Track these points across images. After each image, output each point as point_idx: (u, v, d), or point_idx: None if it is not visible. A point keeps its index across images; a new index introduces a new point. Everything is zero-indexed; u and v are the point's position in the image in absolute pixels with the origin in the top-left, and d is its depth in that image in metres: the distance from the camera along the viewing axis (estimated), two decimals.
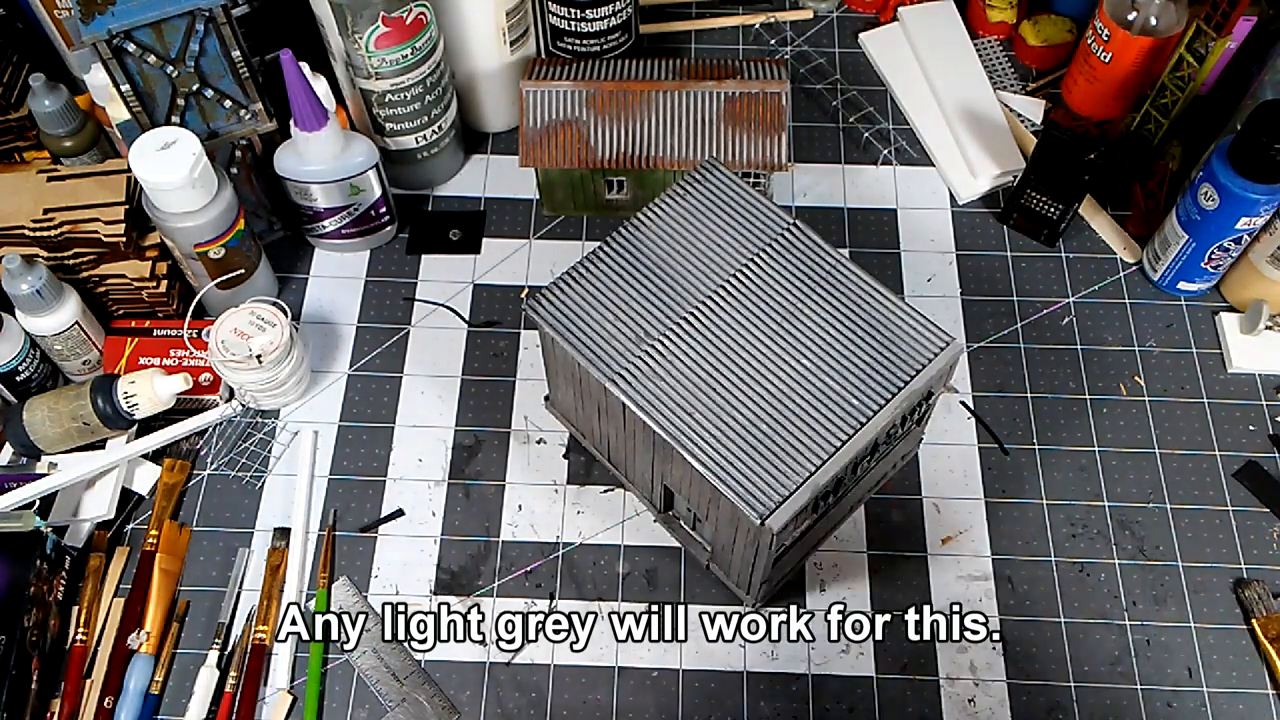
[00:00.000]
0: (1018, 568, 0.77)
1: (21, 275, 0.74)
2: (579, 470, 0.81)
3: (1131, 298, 0.88)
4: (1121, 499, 0.79)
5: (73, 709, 0.71)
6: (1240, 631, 0.74)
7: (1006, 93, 0.99)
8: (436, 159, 0.92)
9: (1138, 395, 0.84)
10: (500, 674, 0.74)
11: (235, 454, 0.82)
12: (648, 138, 0.85)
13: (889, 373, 0.66)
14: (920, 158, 0.96)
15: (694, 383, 0.66)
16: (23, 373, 0.79)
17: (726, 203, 0.73)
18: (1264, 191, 0.77)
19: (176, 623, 0.75)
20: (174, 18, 0.73)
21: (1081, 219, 0.92)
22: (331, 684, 0.73)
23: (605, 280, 0.70)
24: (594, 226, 0.93)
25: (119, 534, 0.79)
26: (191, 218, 0.76)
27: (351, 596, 0.76)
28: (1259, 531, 0.78)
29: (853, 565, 0.77)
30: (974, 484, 0.80)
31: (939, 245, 0.91)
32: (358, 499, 0.80)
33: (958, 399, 0.84)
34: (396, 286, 0.90)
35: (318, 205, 0.85)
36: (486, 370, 0.85)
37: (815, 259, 0.71)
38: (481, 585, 0.77)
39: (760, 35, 1.04)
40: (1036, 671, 0.73)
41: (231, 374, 0.79)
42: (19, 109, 0.87)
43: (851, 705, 0.72)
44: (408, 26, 0.80)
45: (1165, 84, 0.89)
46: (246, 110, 0.81)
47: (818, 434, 0.64)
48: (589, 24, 0.91)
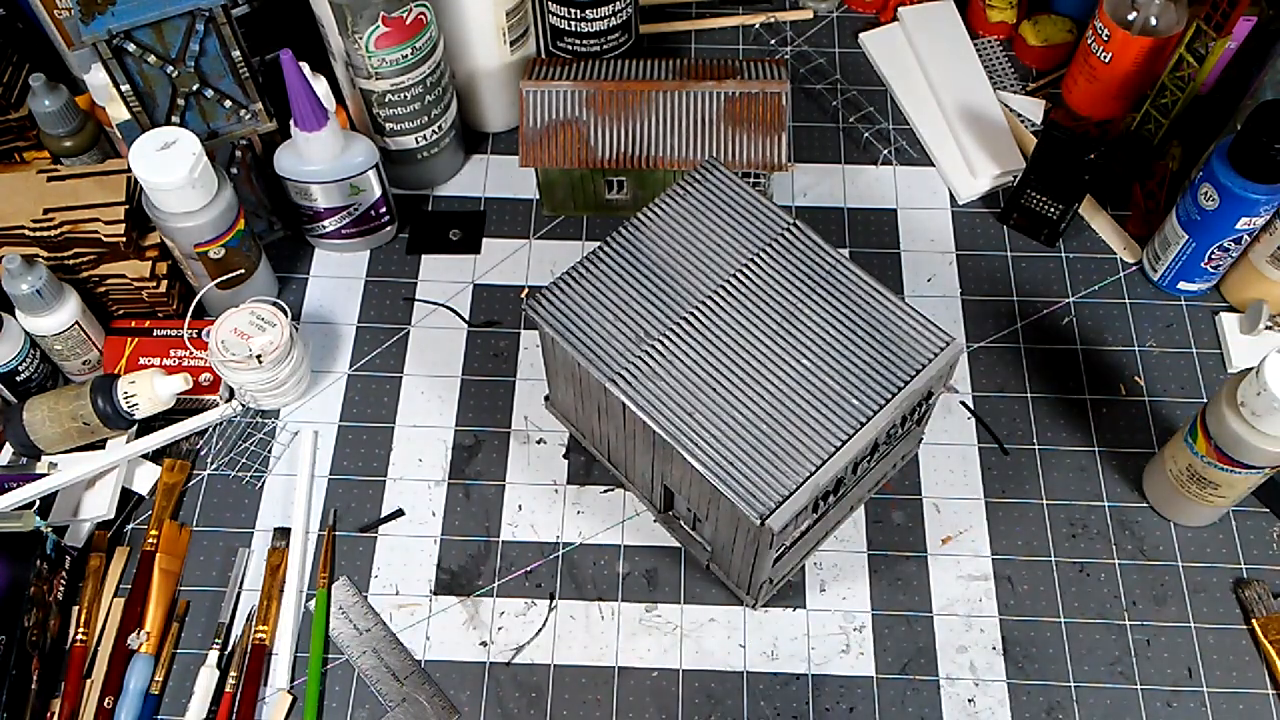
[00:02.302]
0: (1018, 568, 0.77)
1: (21, 275, 0.74)
2: (579, 470, 0.81)
3: (1131, 298, 0.88)
4: (1121, 499, 0.79)
5: (73, 709, 0.71)
6: (1240, 631, 0.74)
7: (1006, 93, 0.99)
8: (436, 159, 0.92)
9: (1138, 395, 0.84)
10: (500, 674, 0.74)
11: (235, 454, 0.82)
12: (648, 138, 0.85)
13: (889, 373, 0.66)
14: (920, 158, 0.96)
15: (694, 383, 0.66)
16: (23, 373, 0.79)
17: (726, 203, 0.73)
18: (1264, 191, 0.77)
19: (176, 623, 0.75)
20: (174, 18, 0.73)
21: (1081, 219, 0.92)
22: (331, 684, 0.73)
23: (605, 280, 0.70)
24: (594, 226, 0.93)
25: (119, 534, 0.79)
26: (191, 218, 0.76)
27: (351, 596, 0.76)
28: (1259, 531, 0.78)
29: (853, 565, 0.77)
30: (974, 484, 0.80)
31: (939, 245, 0.91)
32: (358, 499, 0.80)
33: (958, 399, 0.84)
34: (396, 286, 0.90)
35: (318, 205, 0.85)
36: (486, 370, 0.85)
37: (815, 259, 0.71)
38: (481, 585, 0.77)
39: (760, 35, 1.04)
40: (1036, 671, 0.73)
41: (231, 374, 0.79)
42: (19, 109, 0.87)
43: (851, 705, 0.72)
44: (408, 26, 0.80)
45: (1165, 84, 0.89)
46: (246, 110, 0.81)
47: (818, 434, 0.64)
48: (589, 24, 0.91)
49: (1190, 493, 0.74)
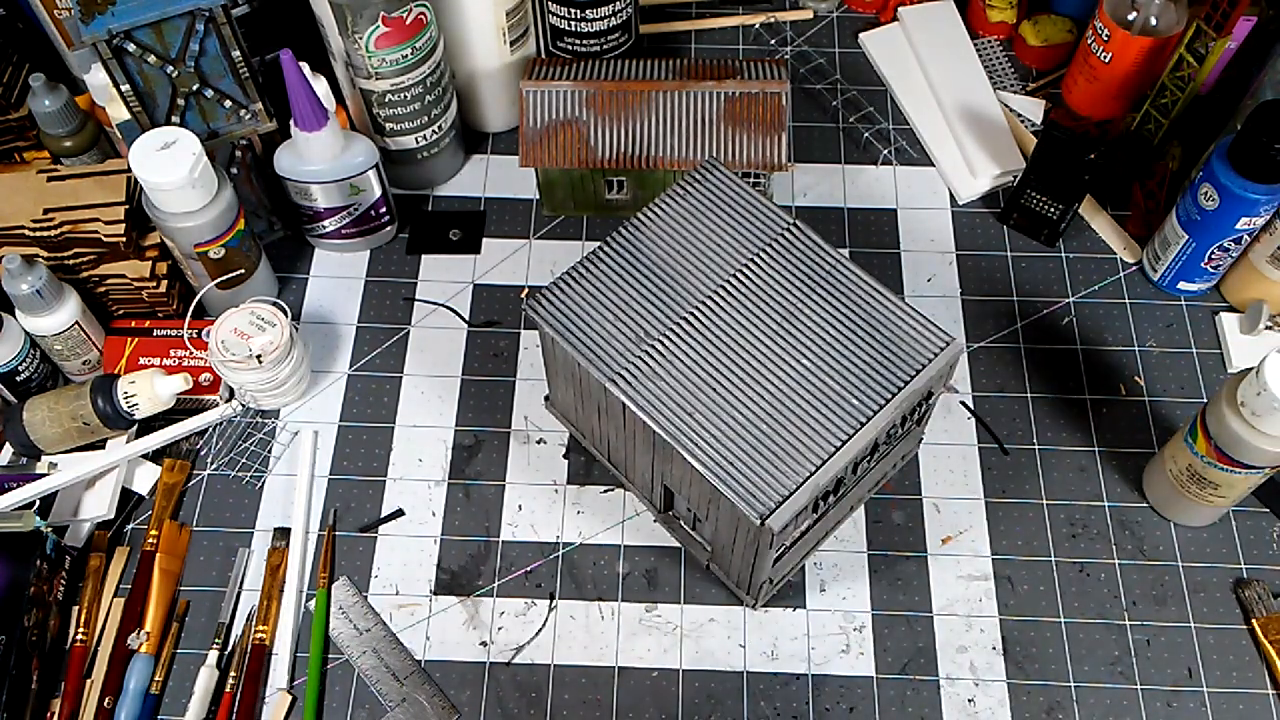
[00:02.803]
0: (1018, 568, 0.77)
1: (21, 275, 0.74)
2: (579, 470, 0.81)
3: (1131, 298, 0.88)
4: (1121, 499, 0.79)
5: (73, 709, 0.71)
6: (1240, 631, 0.74)
7: (1006, 93, 0.99)
8: (436, 159, 0.92)
9: (1138, 395, 0.84)
10: (500, 674, 0.74)
11: (235, 454, 0.82)
12: (648, 138, 0.85)
13: (889, 373, 0.66)
14: (920, 158, 0.96)
15: (694, 383, 0.66)
16: (23, 373, 0.79)
17: (726, 203, 0.73)
18: (1264, 191, 0.77)
19: (176, 623, 0.75)
20: (174, 18, 0.73)
21: (1081, 219, 0.92)
22: (331, 684, 0.73)
23: (605, 280, 0.70)
24: (594, 226, 0.93)
25: (119, 534, 0.79)
26: (191, 218, 0.76)
27: (351, 596, 0.76)
28: (1259, 531, 0.78)
29: (853, 565, 0.77)
30: (974, 484, 0.80)
31: (939, 245, 0.91)
32: (358, 499, 0.80)
33: (958, 399, 0.84)
34: (396, 286, 0.90)
35: (318, 205, 0.85)
36: (486, 370, 0.85)
37: (815, 259, 0.71)
38: (481, 585, 0.77)
39: (760, 35, 1.04)
40: (1036, 671, 0.73)
41: (231, 374, 0.79)
42: (19, 109, 0.87)
43: (851, 705, 0.72)
44: (408, 26, 0.80)
45: (1165, 84, 0.89)
46: (246, 110, 0.81)
47: (818, 434, 0.64)
48: (589, 24, 0.91)
49: (1190, 493, 0.74)
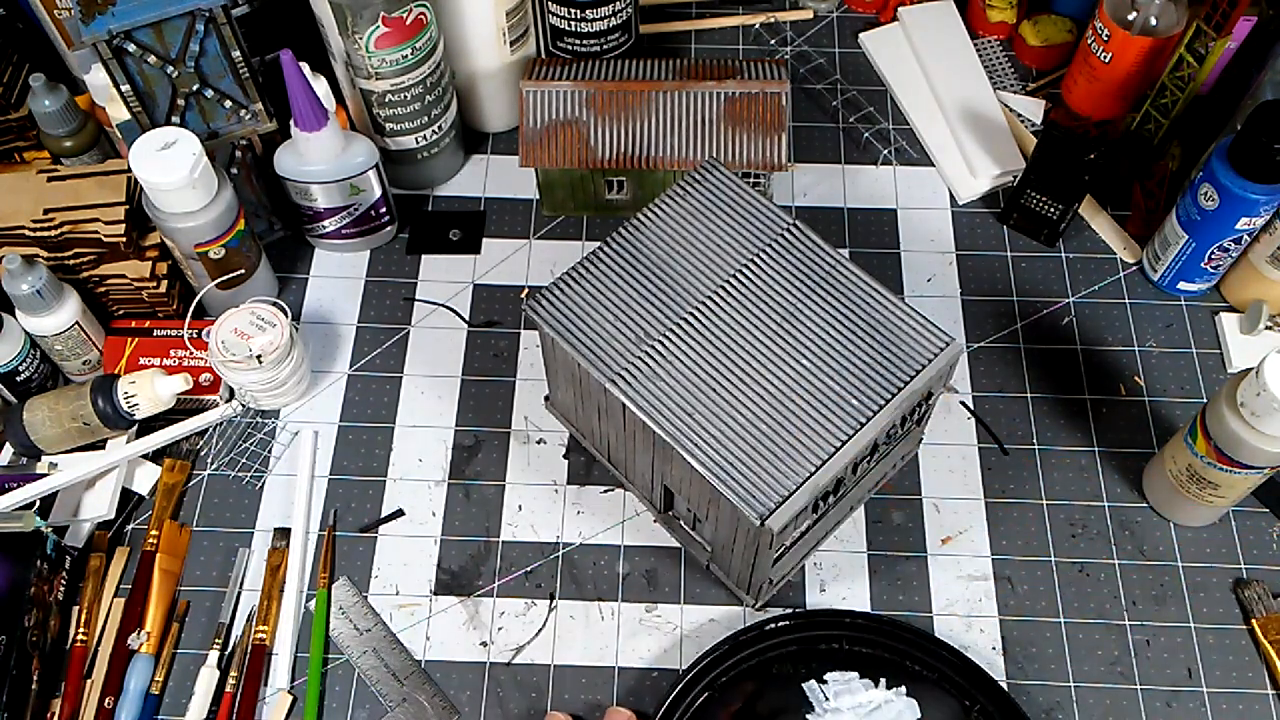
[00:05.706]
0: (1018, 568, 0.77)
1: (21, 275, 0.74)
2: (579, 470, 0.81)
3: (1131, 298, 0.88)
4: (1121, 499, 0.79)
5: (73, 709, 0.71)
6: (1240, 631, 0.74)
7: (1006, 93, 0.99)
8: (436, 159, 0.92)
9: (1138, 395, 0.84)
10: (500, 674, 0.74)
11: (235, 454, 0.82)
12: (648, 138, 0.85)
13: (889, 373, 0.66)
14: (920, 158, 0.96)
15: (694, 383, 0.66)
16: (23, 373, 0.79)
17: (726, 203, 0.73)
18: (1264, 191, 0.77)
19: (176, 623, 0.75)
20: (174, 18, 0.73)
21: (1081, 219, 0.92)
22: (331, 684, 0.73)
23: (605, 280, 0.71)
24: (594, 226, 0.93)
25: (119, 534, 0.79)
26: (191, 218, 0.76)
27: (351, 596, 0.76)
28: (1259, 531, 0.78)
29: (853, 565, 0.77)
30: (974, 484, 0.80)
31: (939, 245, 0.91)
32: (358, 499, 0.80)
33: (958, 399, 0.84)
34: (396, 286, 0.90)
35: (318, 205, 0.85)
36: (486, 370, 0.85)
37: (815, 259, 0.71)
38: (481, 585, 0.77)
39: (760, 35, 1.04)
40: (1036, 671, 0.73)
41: (231, 374, 0.79)
42: (19, 109, 0.87)
43: None
44: (408, 27, 0.80)
45: (1165, 84, 0.89)
46: (246, 110, 0.81)
47: (818, 434, 0.64)
48: (589, 24, 0.91)
49: (1190, 493, 0.74)
